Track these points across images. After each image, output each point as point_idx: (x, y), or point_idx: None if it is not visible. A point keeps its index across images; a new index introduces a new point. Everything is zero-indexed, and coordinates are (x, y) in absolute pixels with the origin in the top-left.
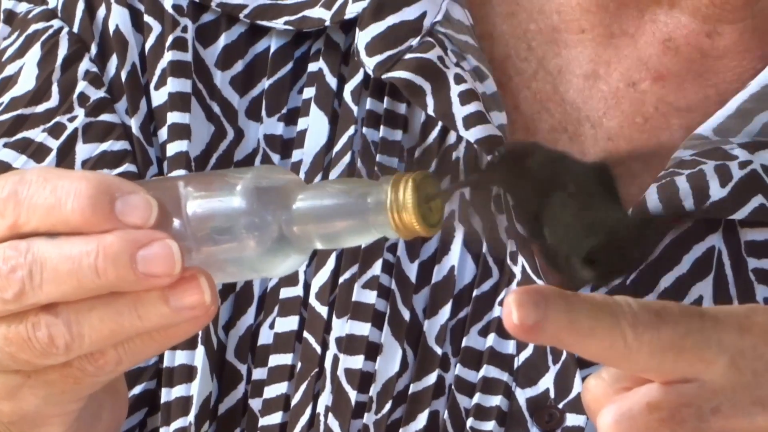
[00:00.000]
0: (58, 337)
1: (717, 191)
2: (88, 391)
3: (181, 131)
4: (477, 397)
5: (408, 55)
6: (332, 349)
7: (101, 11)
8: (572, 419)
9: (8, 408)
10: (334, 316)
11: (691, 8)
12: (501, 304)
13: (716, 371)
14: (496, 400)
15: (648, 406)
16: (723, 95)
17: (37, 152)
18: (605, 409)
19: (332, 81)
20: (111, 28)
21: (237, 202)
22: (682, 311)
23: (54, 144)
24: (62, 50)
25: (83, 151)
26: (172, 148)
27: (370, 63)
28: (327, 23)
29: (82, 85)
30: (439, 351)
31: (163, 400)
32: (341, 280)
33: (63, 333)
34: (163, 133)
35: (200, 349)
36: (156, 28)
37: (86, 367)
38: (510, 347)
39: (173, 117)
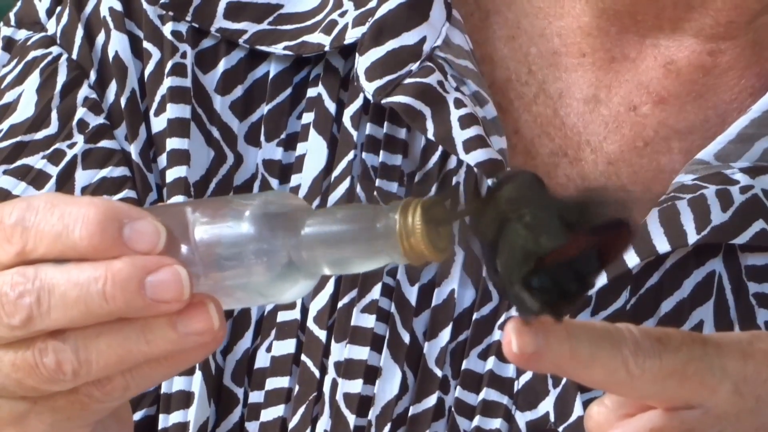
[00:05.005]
0: (65, 363)
1: (718, 216)
2: (95, 417)
3: (180, 157)
4: (477, 420)
5: (408, 80)
6: (331, 373)
7: (100, 38)
8: None
9: None
10: (332, 341)
11: (694, 30)
12: (501, 327)
13: (719, 397)
14: (496, 423)
15: None
16: (722, 116)
17: (37, 179)
18: None
19: (331, 106)
20: (110, 55)
21: (245, 228)
22: (684, 338)
23: (53, 171)
24: (61, 77)
25: (83, 177)
26: (172, 174)
27: (369, 88)
28: (326, 48)
29: (81, 112)
30: (439, 373)
31: (160, 426)
32: (340, 304)
33: (70, 359)
34: (162, 160)
35: (198, 375)
36: (155, 54)
37: (93, 393)
38: (510, 370)
39: (173, 143)
